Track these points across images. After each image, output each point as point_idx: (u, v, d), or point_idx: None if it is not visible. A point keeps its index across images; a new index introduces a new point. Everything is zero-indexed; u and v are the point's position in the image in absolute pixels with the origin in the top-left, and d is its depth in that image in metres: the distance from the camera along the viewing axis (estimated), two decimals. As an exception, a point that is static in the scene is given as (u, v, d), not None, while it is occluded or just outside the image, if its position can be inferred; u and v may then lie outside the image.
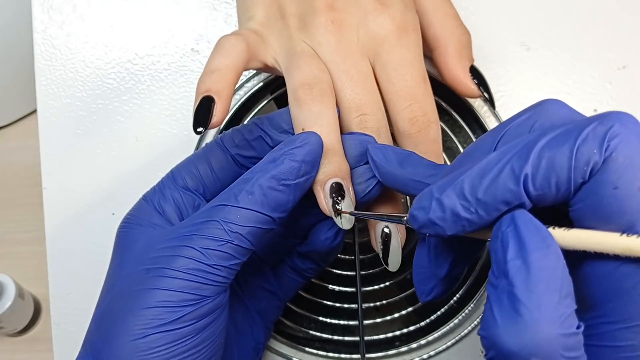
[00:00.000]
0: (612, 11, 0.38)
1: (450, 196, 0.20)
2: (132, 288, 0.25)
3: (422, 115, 0.28)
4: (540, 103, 0.21)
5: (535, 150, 0.19)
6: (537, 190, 0.19)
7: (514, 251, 0.18)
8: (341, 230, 0.30)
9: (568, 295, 0.18)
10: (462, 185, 0.20)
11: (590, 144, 0.18)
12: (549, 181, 0.18)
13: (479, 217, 0.20)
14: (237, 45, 0.28)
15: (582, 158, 0.18)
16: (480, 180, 0.20)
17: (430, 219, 0.21)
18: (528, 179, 0.19)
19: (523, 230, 0.19)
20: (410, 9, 0.30)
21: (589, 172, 0.18)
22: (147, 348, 0.23)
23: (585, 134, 0.18)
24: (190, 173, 0.29)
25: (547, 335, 0.17)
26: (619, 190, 0.18)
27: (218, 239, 0.24)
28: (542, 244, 0.18)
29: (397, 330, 0.36)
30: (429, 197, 0.21)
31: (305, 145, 0.26)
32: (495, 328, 0.18)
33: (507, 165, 0.19)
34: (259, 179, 0.25)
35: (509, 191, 0.19)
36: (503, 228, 0.19)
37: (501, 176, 0.19)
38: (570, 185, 0.18)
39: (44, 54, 0.40)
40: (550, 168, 0.18)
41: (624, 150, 0.18)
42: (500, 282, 0.18)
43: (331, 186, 0.26)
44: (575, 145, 0.18)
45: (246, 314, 0.31)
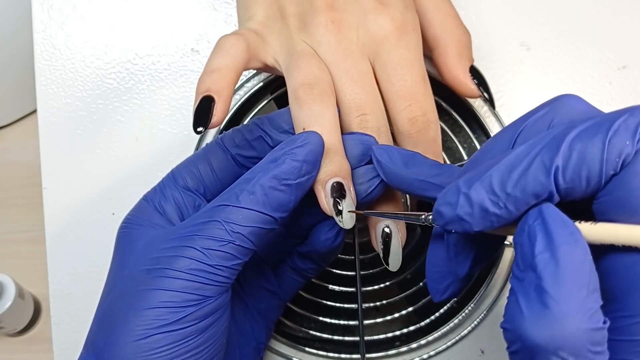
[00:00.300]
0: (612, 11, 0.38)
1: (478, 191, 0.20)
2: (133, 288, 0.25)
3: (421, 115, 0.28)
4: (557, 98, 0.21)
5: (566, 142, 0.18)
6: (568, 183, 0.18)
7: (542, 244, 0.18)
8: (342, 230, 0.30)
9: (595, 290, 0.18)
10: (491, 180, 0.20)
11: (622, 135, 0.18)
12: (579, 173, 0.18)
13: (508, 212, 0.19)
14: (237, 45, 0.28)
15: (614, 150, 0.18)
16: (510, 174, 0.19)
17: (457, 214, 0.20)
18: (559, 171, 0.18)
19: (551, 223, 0.18)
20: (410, 9, 0.30)
21: (620, 164, 0.18)
22: (149, 349, 0.23)
23: (617, 125, 0.18)
24: (191, 173, 0.29)
25: (576, 330, 0.17)
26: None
27: (219, 239, 0.24)
28: (570, 237, 0.18)
29: (397, 330, 0.36)
30: (456, 193, 0.20)
31: (306, 144, 0.26)
32: (521, 320, 0.18)
33: (536, 157, 0.19)
34: (260, 179, 0.25)
35: (540, 184, 0.19)
36: (530, 222, 0.19)
37: (531, 169, 0.19)
38: (602, 177, 0.18)
39: (44, 54, 0.40)
40: (582, 160, 0.18)
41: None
42: (527, 275, 0.18)
43: (332, 186, 0.26)
44: (607, 137, 0.18)
45: (247, 313, 0.31)
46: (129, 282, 0.25)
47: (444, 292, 0.26)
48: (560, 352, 0.17)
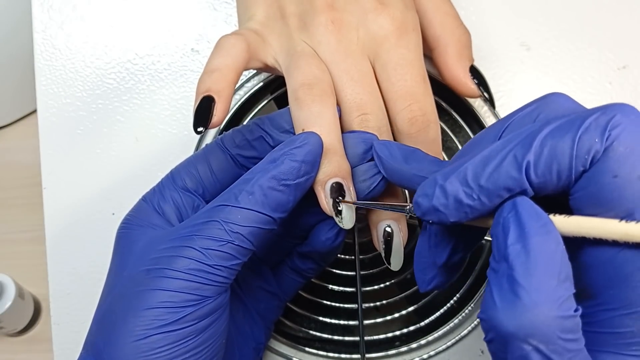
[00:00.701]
0: (612, 11, 0.38)
1: (453, 183, 0.21)
2: (133, 289, 0.25)
3: (421, 115, 0.28)
4: (545, 96, 0.22)
5: (538, 139, 0.19)
6: (539, 178, 0.19)
7: (514, 236, 0.19)
8: (342, 230, 0.30)
9: (567, 279, 0.18)
10: (465, 172, 0.20)
11: (592, 133, 0.18)
12: (550, 169, 0.19)
13: (481, 203, 0.20)
14: (237, 45, 0.28)
15: (584, 147, 0.18)
16: (483, 167, 0.20)
17: (433, 205, 0.21)
18: (530, 167, 0.19)
19: (524, 215, 0.19)
20: (410, 9, 0.30)
21: (589, 161, 0.18)
22: (148, 349, 0.23)
23: (587, 123, 0.18)
24: (190, 174, 0.29)
25: (545, 318, 0.17)
26: (618, 179, 0.18)
27: (219, 239, 0.24)
28: (542, 229, 0.19)
29: (397, 330, 0.36)
30: (433, 184, 0.21)
31: (305, 145, 0.26)
32: (494, 310, 0.18)
33: (510, 153, 0.19)
34: (260, 179, 0.25)
35: (511, 178, 0.19)
36: (504, 214, 0.19)
37: (504, 163, 0.19)
38: (572, 173, 0.19)
39: (44, 54, 0.40)
40: (553, 156, 0.19)
41: (625, 139, 0.18)
42: (501, 266, 0.19)
43: (331, 186, 0.27)
44: (577, 134, 0.18)
45: (246, 314, 0.31)
46: (129, 282, 0.25)
47: (430, 283, 0.26)
48: (530, 340, 0.18)
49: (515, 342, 0.18)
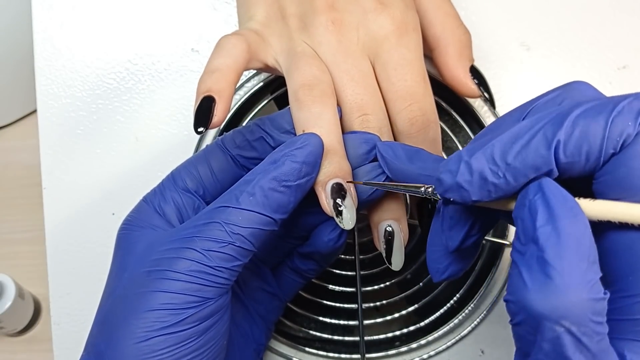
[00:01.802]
0: (612, 11, 0.38)
1: (479, 159, 0.20)
2: (134, 290, 0.25)
3: (421, 116, 0.28)
4: (568, 84, 0.22)
5: (570, 118, 0.19)
6: (568, 158, 0.19)
7: (543, 218, 0.18)
8: (345, 231, 0.30)
9: (595, 262, 0.18)
10: (493, 150, 0.20)
11: (625, 116, 0.18)
12: (580, 149, 0.19)
13: (506, 182, 0.20)
14: (237, 45, 0.28)
15: (616, 129, 0.18)
16: (512, 145, 0.19)
17: (457, 182, 0.21)
18: (560, 146, 0.19)
19: (551, 198, 0.19)
20: (410, 9, 0.30)
21: (620, 144, 0.18)
22: (150, 351, 0.23)
23: (621, 106, 0.18)
24: (190, 175, 0.29)
25: (578, 299, 0.17)
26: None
27: (220, 241, 0.24)
28: (570, 212, 0.18)
29: (397, 330, 0.36)
30: (458, 161, 0.21)
31: (306, 146, 0.26)
32: (525, 291, 0.18)
33: (540, 131, 0.19)
34: (260, 181, 0.25)
35: (540, 157, 0.19)
36: (531, 196, 0.19)
37: (533, 141, 0.19)
38: (601, 155, 0.18)
39: (44, 54, 0.40)
40: (584, 136, 0.18)
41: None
42: (529, 249, 0.19)
43: (332, 186, 0.27)
44: (610, 116, 0.18)
45: (247, 315, 0.31)
46: (130, 284, 0.25)
47: (444, 272, 0.26)
48: (563, 321, 0.17)
49: (547, 323, 0.18)
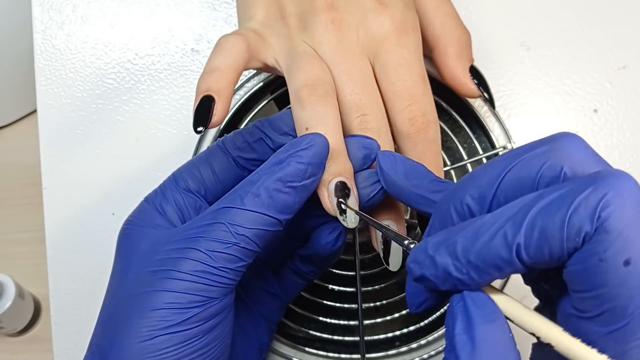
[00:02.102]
0: (612, 11, 0.38)
1: (442, 255, 0.20)
2: (138, 290, 0.25)
3: (421, 116, 0.28)
4: (557, 139, 0.20)
5: (528, 219, 0.18)
6: (532, 259, 0.19)
7: (461, 326, 0.19)
8: (342, 233, 0.30)
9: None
10: (455, 246, 0.20)
11: (582, 213, 0.17)
12: (542, 250, 0.18)
13: (470, 278, 0.20)
14: (237, 45, 0.28)
15: (574, 228, 0.18)
16: (473, 243, 0.20)
17: (424, 274, 0.21)
18: (521, 248, 0.18)
19: (470, 305, 0.19)
20: (410, 9, 0.30)
21: (580, 242, 0.18)
22: (154, 350, 0.23)
23: (577, 202, 0.18)
24: (192, 175, 0.29)
25: None
26: (604, 263, 0.17)
27: (224, 242, 0.24)
28: (488, 318, 0.19)
29: (397, 330, 0.36)
30: (424, 254, 0.21)
31: (312, 147, 0.25)
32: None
33: (500, 230, 0.19)
34: (265, 181, 0.25)
35: (501, 258, 0.19)
36: (453, 304, 0.20)
37: (494, 242, 0.19)
38: (564, 253, 0.18)
39: (44, 54, 0.40)
40: (543, 238, 0.18)
41: (614, 222, 0.17)
42: (450, 356, 0.19)
43: (336, 185, 0.26)
44: (567, 214, 0.18)
45: (249, 315, 0.31)
46: (134, 283, 0.25)
47: (419, 306, 0.25)
48: None
49: None
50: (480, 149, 0.37)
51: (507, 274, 0.19)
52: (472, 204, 0.21)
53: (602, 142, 0.37)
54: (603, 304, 0.18)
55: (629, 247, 0.17)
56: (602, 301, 0.18)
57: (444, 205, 0.22)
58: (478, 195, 0.21)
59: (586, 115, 0.37)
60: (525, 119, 0.37)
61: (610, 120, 0.37)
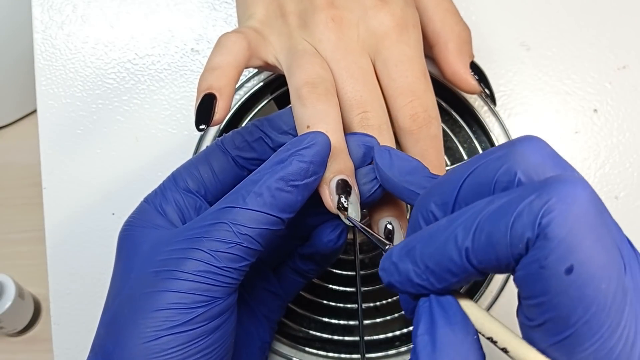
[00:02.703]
0: (612, 11, 0.38)
1: (405, 262, 0.21)
2: (142, 291, 0.25)
3: (422, 112, 0.28)
4: (514, 143, 0.20)
5: (476, 223, 0.18)
6: (480, 263, 0.18)
7: (424, 327, 0.19)
8: (344, 231, 0.30)
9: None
10: (415, 252, 0.20)
11: (524, 220, 0.17)
12: (489, 256, 0.18)
13: (430, 283, 0.20)
14: (238, 43, 0.28)
15: (517, 234, 0.17)
16: (429, 247, 0.20)
17: (390, 281, 0.21)
18: (469, 252, 0.18)
19: (435, 307, 0.19)
20: (410, 5, 0.30)
21: (524, 248, 0.17)
22: (159, 350, 0.23)
23: (520, 208, 0.17)
24: (192, 175, 0.29)
25: None
26: (545, 270, 0.17)
27: (227, 241, 0.24)
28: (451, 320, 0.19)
29: (397, 330, 0.36)
30: (389, 261, 0.21)
31: (313, 145, 0.25)
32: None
33: (451, 235, 0.19)
34: (267, 181, 0.25)
35: (453, 263, 0.19)
36: (420, 305, 0.20)
37: (446, 247, 0.19)
38: (510, 259, 0.18)
39: (44, 54, 0.40)
40: (489, 244, 0.18)
41: (555, 229, 0.17)
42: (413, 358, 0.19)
43: (337, 183, 0.26)
44: (510, 221, 0.17)
45: (251, 315, 0.31)
46: (137, 284, 0.25)
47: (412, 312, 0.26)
48: None
49: None
50: (480, 149, 0.37)
51: (464, 279, 0.19)
52: (435, 210, 0.21)
53: (602, 142, 0.37)
54: (545, 313, 0.17)
55: (571, 255, 0.16)
56: (544, 310, 0.17)
57: (414, 212, 0.23)
58: (441, 201, 0.21)
59: (586, 115, 0.37)
60: (525, 119, 0.37)
61: (610, 120, 0.37)
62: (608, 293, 0.17)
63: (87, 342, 0.26)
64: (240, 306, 0.30)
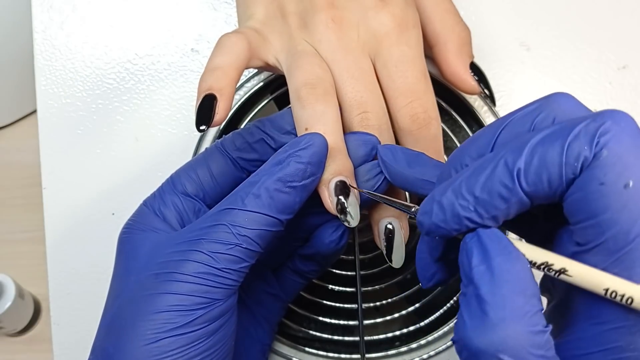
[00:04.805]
0: (612, 11, 0.38)
1: (449, 197, 0.21)
2: (142, 293, 0.25)
3: (422, 112, 0.28)
4: (548, 96, 0.21)
5: (528, 146, 0.19)
6: (530, 186, 0.19)
7: (478, 258, 0.19)
8: (346, 231, 0.30)
9: (533, 295, 0.19)
10: (460, 185, 0.20)
11: (581, 140, 0.18)
12: (541, 176, 0.19)
13: (478, 215, 0.20)
14: (238, 43, 0.28)
15: (573, 154, 0.18)
16: (477, 177, 0.20)
17: (433, 222, 0.21)
18: (521, 174, 0.19)
19: (485, 239, 0.20)
20: (410, 6, 0.30)
21: (579, 168, 0.18)
22: (159, 352, 0.23)
23: (577, 130, 0.18)
24: (190, 178, 0.29)
25: (513, 332, 0.18)
26: (604, 187, 0.18)
27: (227, 243, 0.24)
28: (504, 250, 0.19)
29: (397, 330, 0.36)
30: (431, 201, 0.21)
31: (311, 146, 0.25)
32: (464, 329, 0.19)
33: (501, 160, 0.19)
34: (265, 182, 0.25)
35: (504, 186, 0.19)
36: (467, 240, 0.20)
37: (496, 172, 0.19)
38: (562, 180, 0.19)
39: (44, 54, 0.40)
40: (543, 163, 0.19)
41: (613, 147, 0.18)
42: (469, 289, 0.19)
43: (336, 184, 0.26)
44: (566, 141, 0.18)
45: (251, 317, 0.31)
46: (137, 287, 0.25)
47: (430, 280, 0.26)
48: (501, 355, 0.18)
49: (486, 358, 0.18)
50: (480, 149, 0.37)
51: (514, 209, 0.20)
52: (470, 163, 0.22)
53: (602, 142, 0.37)
54: (605, 231, 0.18)
55: (628, 171, 0.18)
56: (604, 228, 0.18)
57: (445, 170, 0.23)
58: (476, 154, 0.22)
59: (586, 115, 0.37)
60: (525, 119, 0.37)
61: (610, 120, 0.37)
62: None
63: (87, 342, 0.26)
64: (240, 309, 0.30)
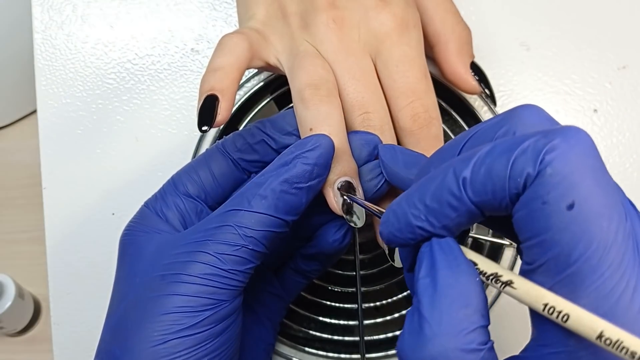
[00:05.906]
0: (612, 11, 0.38)
1: (402, 206, 0.20)
2: (148, 295, 0.25)
3: (423, 112, 0.28)
4: (514, 109, 0.21)
5: (477, 157, 0.19)
6: (476, 196, 0.19)
7: (425, 270, 0.19)
8: (350, 230, 0.30)
9: (476, 312, 0.18)
10: (412, 194, 0.20)
11: (527, 156, 0.17)
12: (486, 187, 0.18)
13: (430, 224, 0.20)
14: (239, 44, 0.28)
15: (517, 169, 0.18)
16: (428, 186, 0.20)
17: (390, 231, 0.21)
18: (467, 183, 0.19)
19: (436, 250, 0.19)
20: (411, 6, 0.30)
21: (522, 184, 0.18)
22: (167, 354, 0.23)
23: (525, 145, 0.18)
24: (191, 179, 0.29)
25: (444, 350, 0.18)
26: (547, 206, 0.17)
27: (233, 244, 0.24)
28: (452, 262, 0.19)
29: (397, 330, 0.36)
30: (389, 210, 0.21)
31: (317, 148, 0.26)
32: (402, 343, 0.19)
33: (450, 169, 0.19)
34: (272, 183, 0.25)
35: (452, 195, 0.19)
36: (422, 250, 0.20)
37: (445, 180, 0.19)
38: (506, 194, 0.18)
39: (44, 54, 0.40)
40: (488, 175, 0.18)
41: (557, 165, 0.17)
42: (414, 301, 0.19)
43: (341, 185, 0.27)
44: (513, 155, 0.18)
45: (254, 317, 0.31)
46: (142, 289, 0.25)
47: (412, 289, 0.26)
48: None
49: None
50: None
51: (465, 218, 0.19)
52: None
53: (602, 142, 0.37)
54: (547, 252, 0.17)
55: (573, 191, 0.17)
56: (546, 248, 0.17)
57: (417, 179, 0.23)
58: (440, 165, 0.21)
59: (586, 115, 0.37)
60: (525, 119, 0.37)
61: (610, 120, 0.37)
62: (609, 231, 0.17)
63: (87, 342, 0.26)
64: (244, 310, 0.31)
